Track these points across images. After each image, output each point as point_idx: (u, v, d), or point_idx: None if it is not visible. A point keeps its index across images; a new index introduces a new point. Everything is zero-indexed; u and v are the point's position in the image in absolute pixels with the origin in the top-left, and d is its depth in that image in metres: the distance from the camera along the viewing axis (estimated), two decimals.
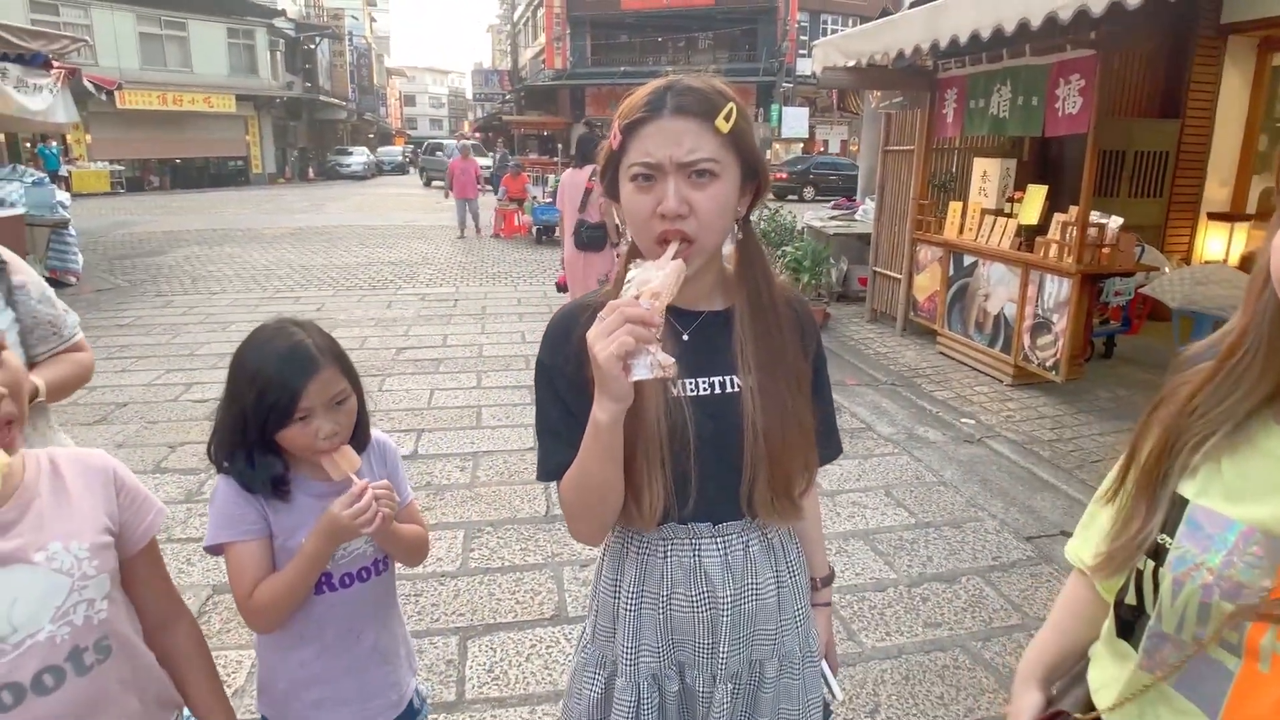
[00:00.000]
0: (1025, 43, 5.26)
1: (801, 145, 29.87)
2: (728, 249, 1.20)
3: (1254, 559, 0.77)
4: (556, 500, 3.82)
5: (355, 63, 45.60)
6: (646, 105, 1.07)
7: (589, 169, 6.13)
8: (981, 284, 6.11)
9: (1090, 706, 0.97)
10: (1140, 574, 0.87)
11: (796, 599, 1.28)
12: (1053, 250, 5.38)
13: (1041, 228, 5.62)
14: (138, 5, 25.92)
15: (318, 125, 39.13)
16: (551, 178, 15.41)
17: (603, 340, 0.92)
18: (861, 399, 5.48)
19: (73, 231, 9.31)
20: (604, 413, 0.99)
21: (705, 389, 1.16)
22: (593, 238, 6.13)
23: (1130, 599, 0.89)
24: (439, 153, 29.47)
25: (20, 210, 8.50)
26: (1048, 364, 5.42)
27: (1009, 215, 5.97)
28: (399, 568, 1.55)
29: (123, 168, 25.61)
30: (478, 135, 44.71)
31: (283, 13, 31.49)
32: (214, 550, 1.34)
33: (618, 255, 7.61)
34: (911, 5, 7.84)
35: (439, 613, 2.96)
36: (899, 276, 7.28)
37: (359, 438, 1.40)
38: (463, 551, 3.40)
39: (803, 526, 1.35)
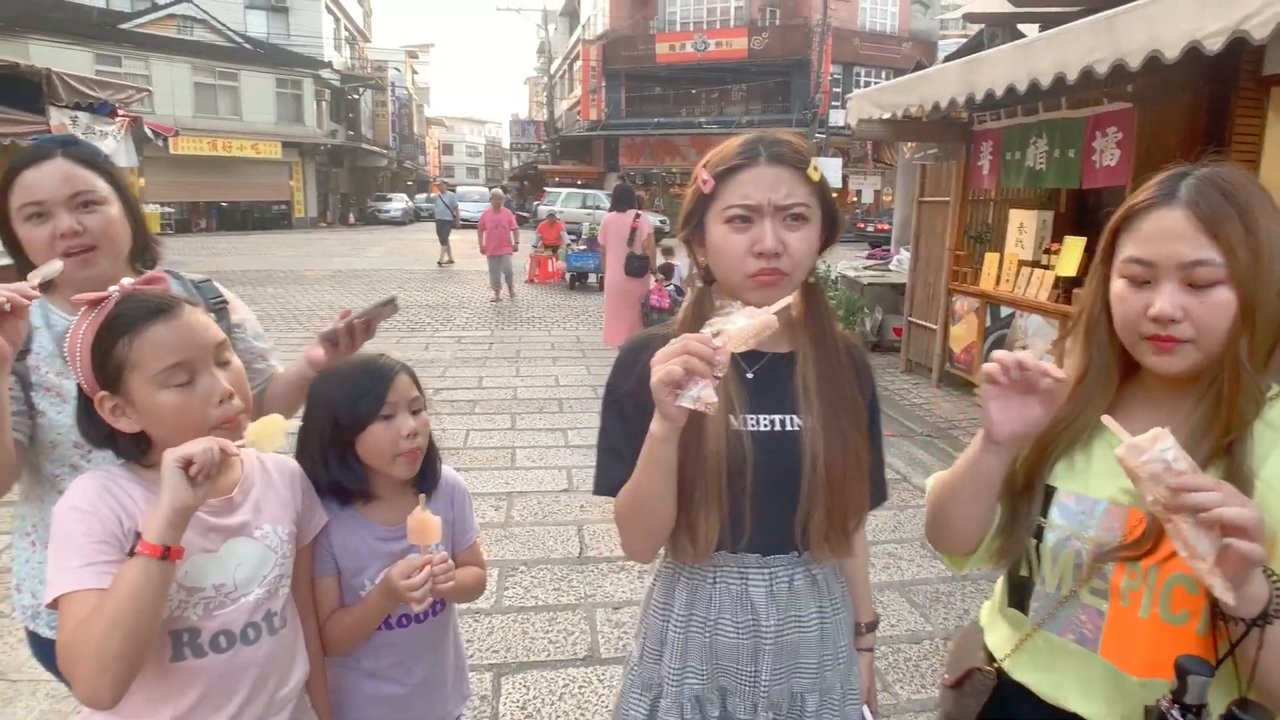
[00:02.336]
0: (1061, 96, 5.32)
1: (835, 196, 29.93)
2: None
3: (1110, 524, 1.06)
4: (590, 542, 3.92)
5: (396, 112, 47.01)
6: (742, 154, 1.17)
7: (631, 212, 7.71)
8: (1019, 335, 6.07)
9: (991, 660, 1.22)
10: (1027, 550, 1.15)
11: (839, 636, 1.31)
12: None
13: (1080, 279, 5.48)
14: (193, 57, 27.15)
15: (359, 172, 40.27)
16: (586, 225, 15.58)
17: (659, 365, 0.99)
18: (897, 450, 5.43)
19: None
20: (658, 427, 1.05)
21: (766, 425, 1.22)
22: (639, 266, 7.63)
23: (1023, 571, 1.17)
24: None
25: None
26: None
27: (1046, 267, 5.94)
28: None
29: (173, 210, 26.49)
30: (514, 180, 45.55)
31: (329, 64, 32.71)
32: None
33: (656, 281, 8.06)
34: (947, 59, 7.98)
35: (474, 649, 2.98)
36: (934, 327, 7.25)
37: (429, 474, 1.48)
38: (497, 589, 3.42)
39: (850, 569, 1.39)
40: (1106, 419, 0.98)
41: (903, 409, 6.46)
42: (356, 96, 37.42)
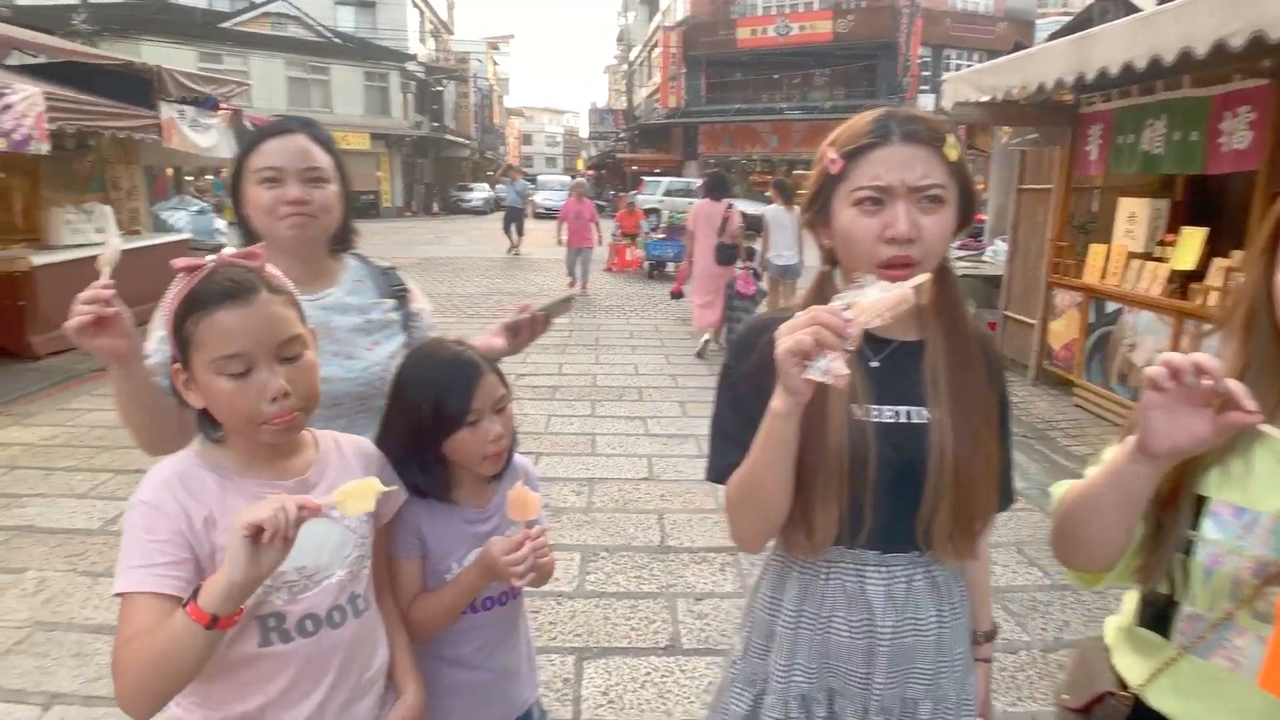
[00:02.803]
0: (1184, 73, 4.96)
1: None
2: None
3: (1271, 539, 0.96)
4: (671, 531, 3.89)
5: (478, 103, 47.85)
6: (873, 131, 1.10)
7: (725, 201, 7.91)
8: (1126, 333, 5.72)
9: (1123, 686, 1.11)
10: (1171, 568, 1.04)
11: (956, 642, 1.24)
12: (1214, 298, 4.91)
13: (1198, 274, 5.18)
14: (288, 52, 28.28)
15: (442, 162, 41.18)
16: (666, 213, 15.46)
17: (786, 335, 0.93)
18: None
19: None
20: (780, 402, 0.99)
21: (891, 417, 1.15)
22: (729, 255, 7.82)
23: (1163, 589, 1.06)
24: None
25: (186, 235, 9.31)
26: None
27: (1160, 259, 5.56)
28: None
29: None
30: (590, 172, 45.79)
31: (414, 57, 33.50)
32: None
33: (742, 269, 7.97)
34: (1050, 38, 7.57)
35: (556, 631, 3.00)
36: (1032, 322, 6.92)
37: (508, 455, 1.46)
38: (579, 574, 3.44)
39: (972, 573, 1.33)
40: (1265, 428, 0.86)
41: None
42: (440, 88, 38.20)
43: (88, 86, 7.12)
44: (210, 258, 1.12)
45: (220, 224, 10.43)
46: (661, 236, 13.91)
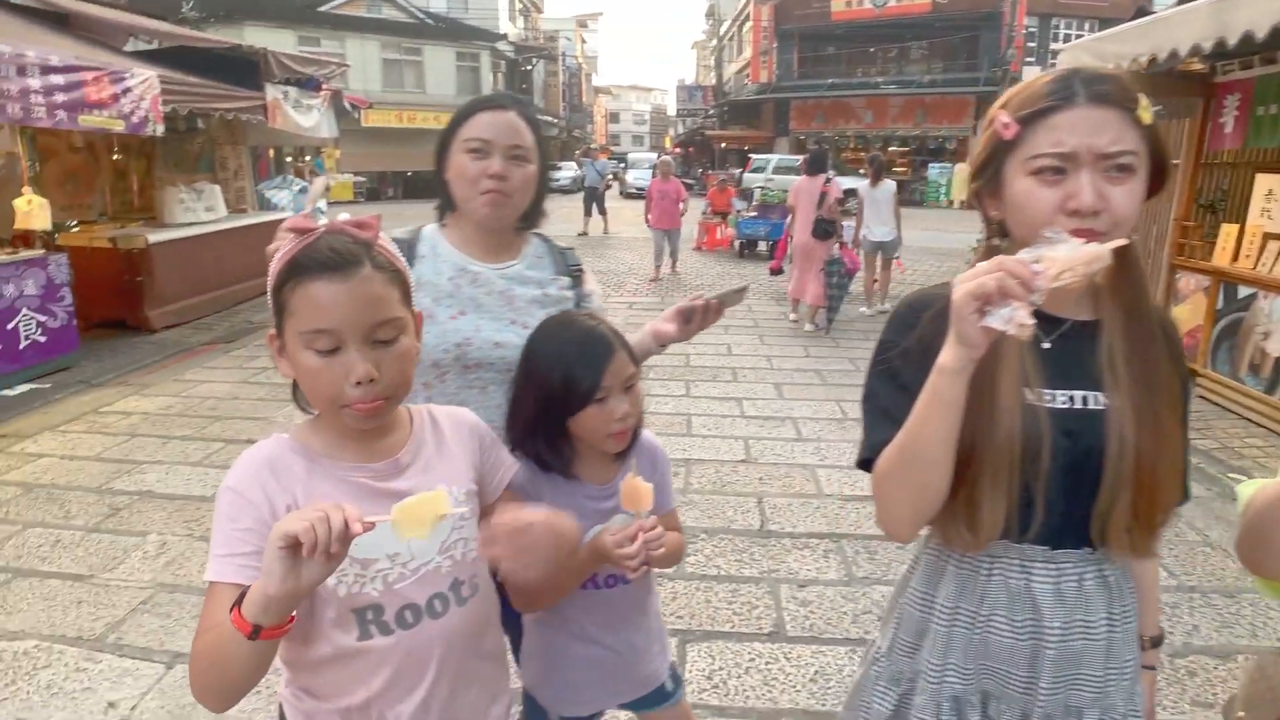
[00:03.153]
0: None
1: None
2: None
3: None
4: (771, 515, 3.81)
5: (567, 82, 48.05)
6: (1054, 93, 1.01)
7: (822, 177, 7.99)
8: (1260, 320, 5.27)
9: None
10: None
11: (1127, 648, 1.15)
12: None
13: None
14: (383, 34, 28.95)
15: None
16: (757, 191, 15.12)
17: (967, 280, 0.88)
18: None
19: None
20: (948, 357, 0.93)
21: (1065, 402, 1.07)
22: (825, 229, 7.87)
23: None
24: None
25: (289, 213, 9.66)
26: None
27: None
28: None
29: (364, 179, 28.54)
30: (675, 150, 45.41)
31: (504, 36, 33.85)
32: None
33: (839, 245, 8.06)
34: (1180, 1, 7.00)
35: None
36: None
37: (632, 437, 1.44)
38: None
39: (1140, 573, 1.23)
40: None
41: None
42: (530, 67, 38.53)
43: (197, 70, 7.47)
44: (323, 220, 1.06)
45: (323, 203, 10.79)
46: (754, 215, 13.52)
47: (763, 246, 13.56)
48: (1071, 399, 1.07)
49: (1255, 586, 1.06)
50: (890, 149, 27.80)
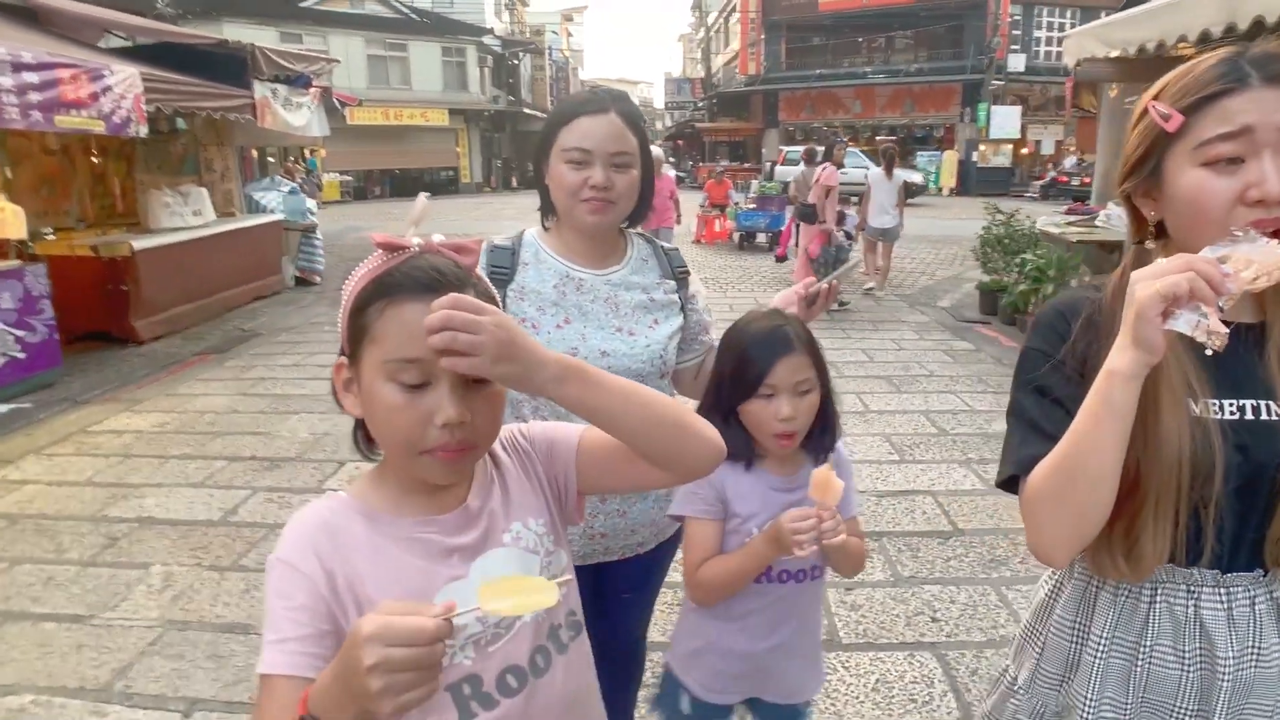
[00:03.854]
0: None
1: (1012, 146, 27.81)
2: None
3: None
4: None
5: (554, 76, 47.72)
6: (1224, 75, 0.92)
7: (824, 165, 8.53)
8: None
9: None
10: None
11: None
12: None
13: None
14: (367, 30, 28.55)
15: (520, 136, 41.28)
16: (754, 183, 15.05)
17: (1151, 279, 0.82)
18: None
19: (319, 236, 10.29)
20: (1123, 361, 0.85)
21: (1233, 412, 0.98)
22: (807, 214, 8.44)
23: None
24: None
25: (280, 216, 9.48)
26: None
27: None
28: None
29: (351, 178, 28.23)
30: (677, 142, 45.05)
31: (490, 31, 33.55)
32: (675, 518, 1.51)
33: (820, 230, 8.32)
34: None
35: None
36: None
37: (825, 438, 1.46)
38: None
39: None
40: None
41: None
42: (516, 62, 38.21)
43: (179, 67, 7.20)
44: (416, 240, 0.91)
45: (311, 204, 10.58)
46: (753, 206, 13.47)
47: (762, 239, 13.49)
48: (1243, 409, 0.98)
49: None
50: (878, 138, 27.73)
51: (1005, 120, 27.34)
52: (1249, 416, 0.98)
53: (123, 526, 3.69)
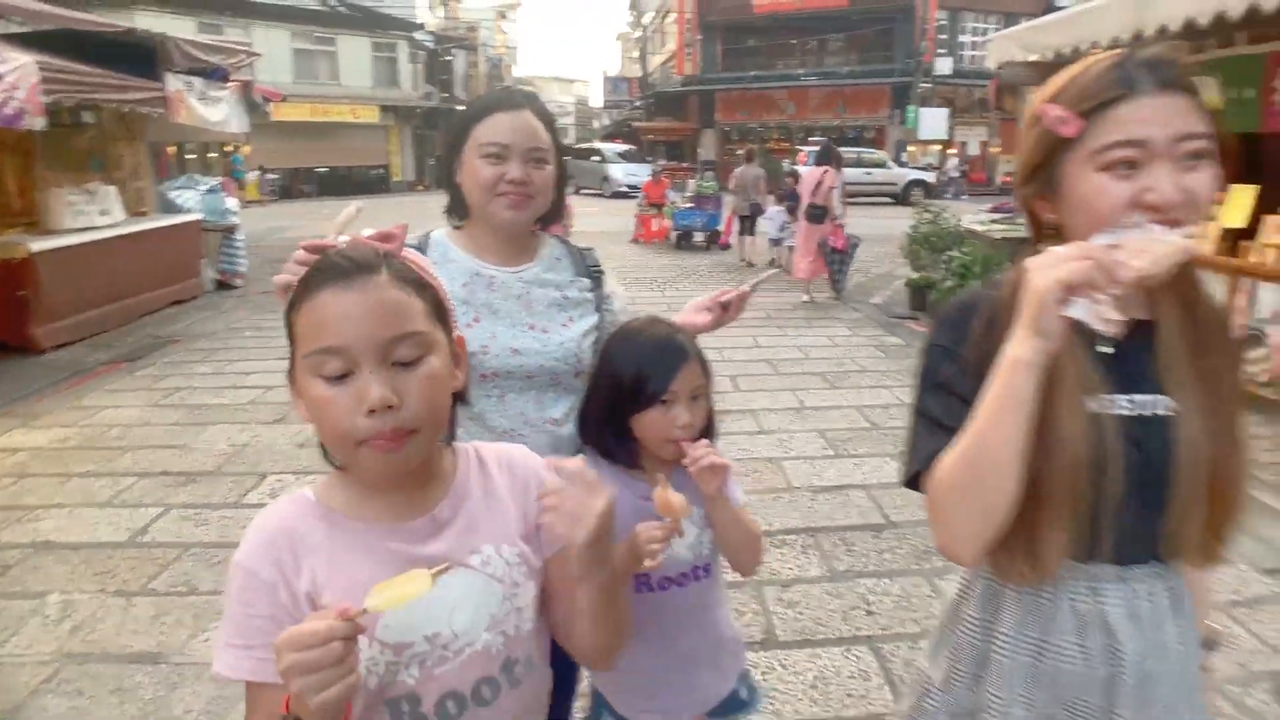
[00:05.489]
0: (1244, 30, 4.82)
1: (940, 147, 28.63)
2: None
3: None
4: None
5: (488, 73, 47.16)
6: (1118, 80, 0.94)
7: (825, 168, 8.88)
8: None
9: None
10: None
11: (1193, 660, 1.11)
12: (1272, 256, 4.90)
13: (1248, 231, 5.14)
14: (292, 23, 27.65)
15: None
16: (691, 183, 15.15)
17: (1048, 267, 0.84)
18: None
19: (240, 237, 9.88)
20: (1024, 349, 0.87)
21: (1129, 408, 1.00)
22: (817, 214, 8.80)
23: None
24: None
25: (198, 215, 9.07)
26: (1260, 379, 4.83)
27: (1209, 218, 5.38)
28: None
29: (276, 176, 27.32)
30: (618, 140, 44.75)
31: (422, 26, 32.95)
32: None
33: (834, 225, 8.79)
34: None
35: None
36: None
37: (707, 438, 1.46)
38: None
39: (1197, 579, 1.17)
40: None
41: None
42: (449, 58, 37.62)
43: (85, 57, 6.72)
44: (343, 238, 0.92)
45: (232, 203, 10.16)
46: (690, 205, 13.63)
47: (699, 238, 13.60)
48: (1138, 404, 1.00)
49: None
50: (812, 139, 28.23)
51: (933, 122, 28.14)
52: (1143, 412, 1.00)
53: (16, 553, 3.42)
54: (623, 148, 29.02)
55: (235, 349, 6.99)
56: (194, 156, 12.30)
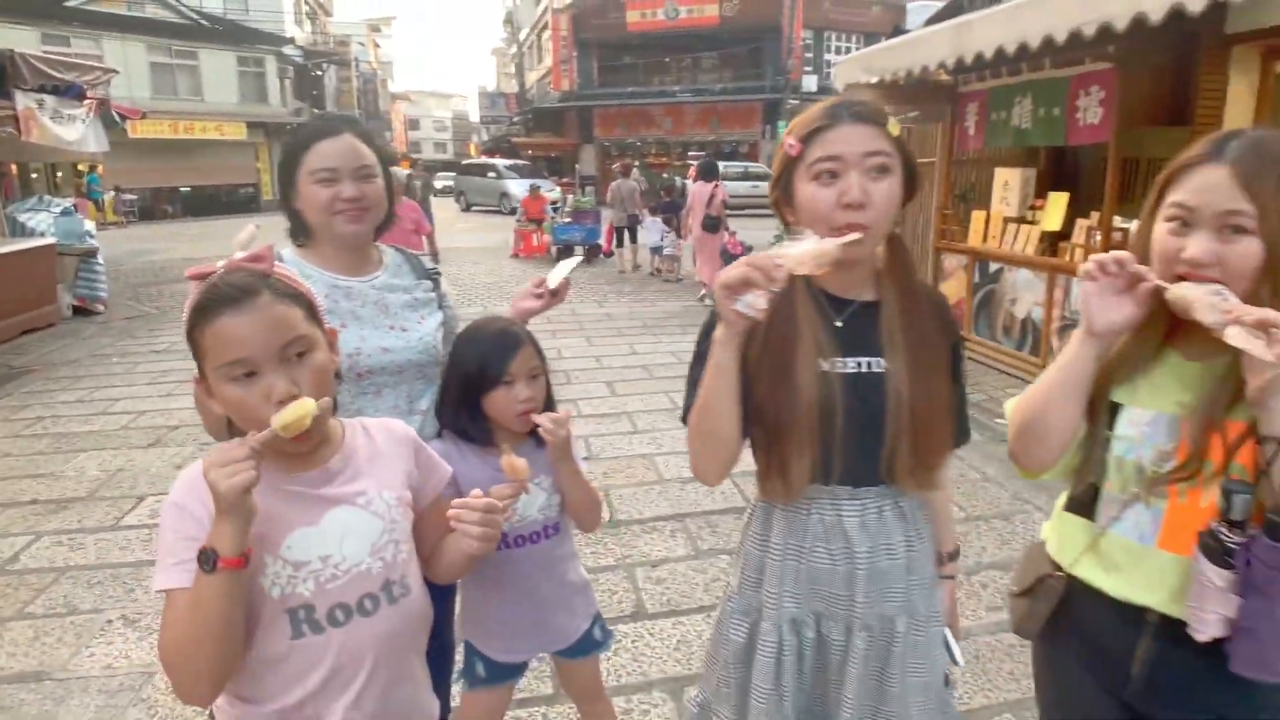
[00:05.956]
0: (1046, 57, 5.36)
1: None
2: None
3: (1167, 433, 1.18)
4: (619, 506, 3.97)
5: (361, 88, 46.00)
6: (826, 115, 1.26)
7: (715, 183, 9.87)
8: (1007, 290, 6.17)
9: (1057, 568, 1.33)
10: (1096, 462, 1.26)
11: (924, 563, 1.40)
12: (1079, 255, 5.46)
13: (1064, 234, 5.73)
14: (148, 35, 26.28)
15: None
16: (570, 198, 15.43)
17: (723, 273, 1.11)
18: None
19: (100, 260, 9.43)
20: (719, 331, 1.18)
21: (854, 367, 1.30)
22: (713, 224, 9.73)
23: (1091, 479, 1.27)
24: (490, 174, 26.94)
25: (51, 239, 8.61)
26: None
27: (1031, 223, 6.05)
28: None
29: (135, 196, 25.79)
30: (498, 155, 44.45)
31: (291, 40, 31.86)
32: None
33: (728, 235, 9.71)
34: (927, 23, 7.95)
35: None
36: None
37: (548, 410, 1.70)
38: None
39: (933, 502, 1.49)
40: (1164, 285, 1.12)
41: None
42: (320, 73, 36.53)
43: None
44: (220, 262, 1.12)
45: (90, 225, 9.68)
46: (569, 221, 13.88)
47: (579, 251, 13.81)
48: (859, 364, 1.30)
49: (1023, 477, 1.37)
50: (690, 153, 29.03)
51: None
52: (864, 370, 1.30)
53: None
54: (518, 163, 28.93)
55: (101, 376, 6.74)
56: (37, 175, 11.53)
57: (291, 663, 1.15)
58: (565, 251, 13.88)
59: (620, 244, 12.86)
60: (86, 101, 8.19)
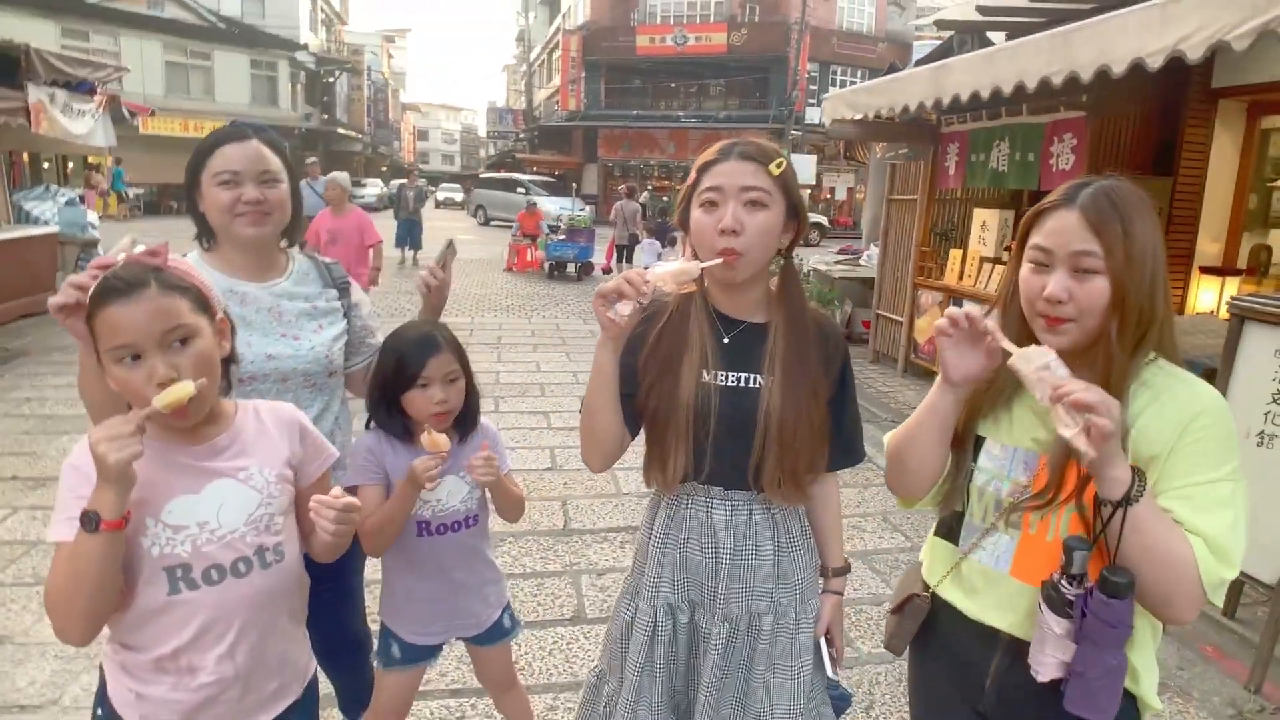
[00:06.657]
0: (1022, 102, 5.57)
1: (809, 192, 30.34)
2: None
3: (1023, 467, 1.29)
4: (575, 515, 4.12)
5: (372, 97, 46.51)
6: (719, 152, 1.43)
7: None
8: None
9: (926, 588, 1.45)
10: (960, 490, 1.37)
11: (796, 570, 1.52)
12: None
13: None
14: (165, 34, 26.66)
15: (333, 157, 39.56)
16: (567, 216, 15.64)
17: (601, 284, 1.27)
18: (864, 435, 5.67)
19: (100, 251, 9.61)
20: (600, 337, 1.35)
21: (733, 381, 1.44)
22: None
23: (957, 508, 1.38)
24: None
25: (53, 229, 8.79)
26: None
27: (1006, 264, 6.21)
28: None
29: (142, 191, 26.02)
30: (502, 170, 44.80)
31: (304, 46, 32.26)
32: (351, 490, 1.69)
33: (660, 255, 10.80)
34: (918, 63, 8.20)
35: None
36: (901, 319, 7.53)
37: (468, 419, 1.84)
38: None
39: (816, 517, 1.61)
40: (1004, 343, 1.19)
41: (869, 396, 6.72)
42: (332, 80, 36.95)
43: None
44: (121, 255, 1.23)
45: (93, 216, 9.86)
46: (562, 238, 14.04)
47: (571, 269, 14.06)
48: (739, 379, 1.44)
49: (897, 503, 1.48)
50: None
51: (803, 168, 29.56)
52: (742, 385, 1.44)
53: None
54: (546, 179, 28.77)
55: None
56: (49, 166, 11.73)
57: (169, 616, 1.25)
58: (558, 267, 14.11)
59: (620, 261, 13.08)
60: (97, 97, 8.40)
